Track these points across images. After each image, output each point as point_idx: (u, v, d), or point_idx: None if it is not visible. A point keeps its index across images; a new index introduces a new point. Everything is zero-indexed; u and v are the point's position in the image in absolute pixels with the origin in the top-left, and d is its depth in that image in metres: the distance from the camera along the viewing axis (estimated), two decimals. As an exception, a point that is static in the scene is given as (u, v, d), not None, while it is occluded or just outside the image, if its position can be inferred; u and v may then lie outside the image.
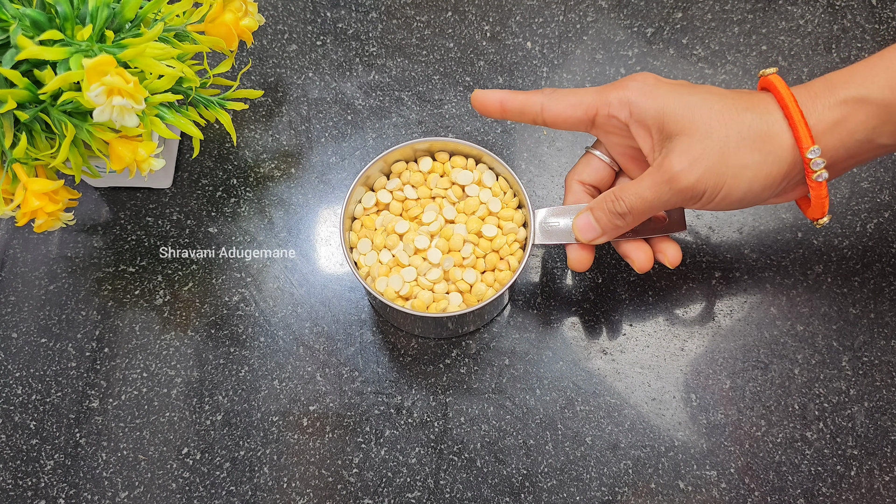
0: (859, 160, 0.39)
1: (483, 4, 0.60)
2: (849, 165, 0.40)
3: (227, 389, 0.50)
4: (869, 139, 0.37)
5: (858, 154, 0.38)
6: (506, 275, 0.46)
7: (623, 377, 0.50)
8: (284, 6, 0.60)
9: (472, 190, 0.47)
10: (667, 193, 0.39)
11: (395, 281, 0.45)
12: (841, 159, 0.38)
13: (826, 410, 0.49)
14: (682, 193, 0.39)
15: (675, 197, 0.40)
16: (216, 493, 0.48)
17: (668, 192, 0.39)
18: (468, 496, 0.48)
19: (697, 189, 0.39)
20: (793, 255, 0.52)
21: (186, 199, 0.55)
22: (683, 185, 0.39)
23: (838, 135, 0.37)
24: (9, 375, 0.50)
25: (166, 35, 0.43)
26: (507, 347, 0.51)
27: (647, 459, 0.48)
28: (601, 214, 0.42)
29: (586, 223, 0.43)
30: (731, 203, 0.40)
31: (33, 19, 0.37)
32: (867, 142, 0.38)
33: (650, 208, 0.41)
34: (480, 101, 0.44)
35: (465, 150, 0.48)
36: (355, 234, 0.48)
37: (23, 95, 0.38)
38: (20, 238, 0.53)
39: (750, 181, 0.38)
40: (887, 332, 0.50)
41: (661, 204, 0.40)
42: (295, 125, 0.57)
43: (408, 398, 0.50)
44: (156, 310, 0.52)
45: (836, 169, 0.39)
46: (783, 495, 0.47)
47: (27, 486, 0.48)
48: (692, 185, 0.39)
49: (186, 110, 0.45)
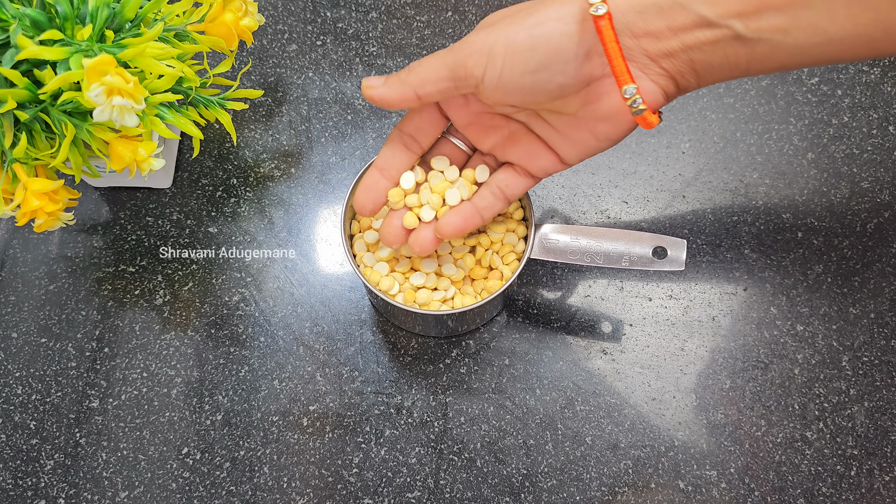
0: (686, 41, 0.35)
1: (483, 4, 0.60)
2: (677, 47, 0.35)
3: (227, 389, 0.50)
4: (681, 3, 0.34)
5: (676, 22, 0.34)
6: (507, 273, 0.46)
7: (623, 377, 0.50)
8: (284, 6, 0.60)
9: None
10: (447, 56, 0.37)
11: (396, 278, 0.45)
12: (651, 19, 0.35)
13: (826, 410, 0.49)
14: (459, 53, 0.37)
15: (453, 60, 0.37)
16: (216, 493, 0.48)
17: (447, 55, 0.37)
18: (468, 496, 0.48)
19: (475, 44, 0.36)
20: (793, 255, 0.52)
21: (186, 199, 0.55)
22: (462, 43, 0.36)
23: None
24: (9, 375, 0.50)
25: (166, 35, 0.43)
26: (507, 347, 0.51)
27: (647, 459, 0.48)
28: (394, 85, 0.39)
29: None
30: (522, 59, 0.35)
31: (33, 19, 0.37)
32: (679, 5, 0.34)
33: (431, 73, 0.37)
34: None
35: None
36: (358, 227, 0.48)
37: (23, 95, 0.38)
38: (20, 238, 0.53)
39: (533, 26, 0.35)
40: (887, 332, 0.50)
41: (441, 70, 0.37)
42: (295, 125, 0.57)
43: (408, 398, 0.50)
44: (156, 310, 0.52)
45: (657, 41, 0.35)
46: (783, 495, 0.47)
47: (27, 485, 0.48)
48: (469, 41, 0.36)
49: (186, 110, 0.45)
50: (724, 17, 0.34)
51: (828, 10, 0.33)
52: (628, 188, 0.54)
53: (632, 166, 0.55)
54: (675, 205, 0.54)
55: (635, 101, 0.36)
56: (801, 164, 0.55)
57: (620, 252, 0.45)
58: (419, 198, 0.42)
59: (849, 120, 0.56)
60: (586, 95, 0.37)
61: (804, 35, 0.34)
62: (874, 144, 0.55)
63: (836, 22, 0.33)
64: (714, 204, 0.54)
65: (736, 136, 0.56)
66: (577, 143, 0.40)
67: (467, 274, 0.46)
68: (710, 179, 0.55)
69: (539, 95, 0.37)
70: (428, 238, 0.42)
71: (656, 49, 0.35)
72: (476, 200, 0.42)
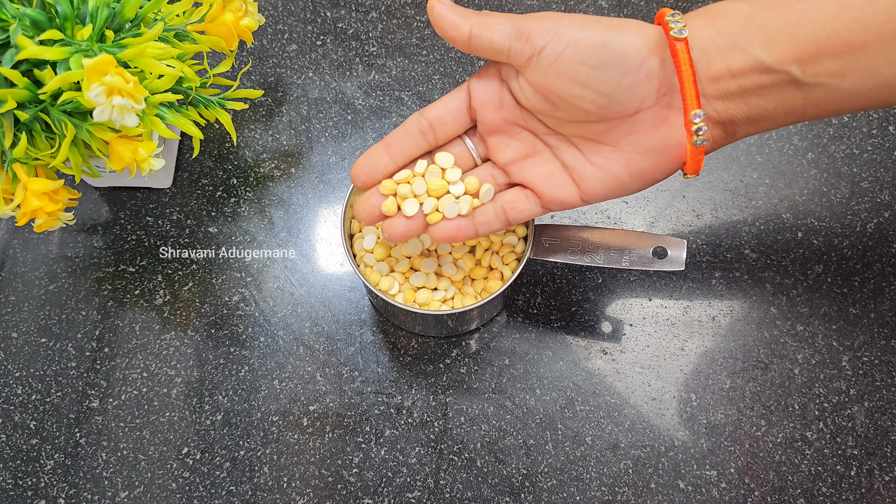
0: (744, 84, 0.35)
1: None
2: (734, 90, 0.35)
3: (227, 389, 0.50)
4: (740, 45, 0.34)
5: (735, 65, 0.35)
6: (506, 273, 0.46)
7: (623, 377, 0.50)
8: (284, 6, 0.60)
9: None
10: (516, 17, 0.36)
11: (396, 278, 0.46)
12: (715, 59, 0.35)
13: (826, 410, 0.49)
14: (528, 20, 0.36)
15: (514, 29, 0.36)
16: (216, 493, 0.48)
17: (516, 17, 0.36)
18: (468, 496, 0.48)
19: (546, 20, 0.35)
20: (793, 255, 0.52)
21: (186, 198, 0.55)
22: (531, 15, 0.35)
23: (706, 31, 0.35)
24: (9, 375, 0.50)
25: (166, 35, 0.43)
26: (507, 347, 0.51)
27: (647, 459, 0.48)
28: None
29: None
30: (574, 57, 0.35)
31: (33, 19, 0.37)
32: (739, 48, 0.34)
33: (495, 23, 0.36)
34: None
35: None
36: (357, 226, 0.48)
37: (23, 95, 0.38)
38: (20, 238, 0.53)
39: (609, 27, 0.34)
40: (887, 332, 0.50)
41: (506, 26, 0.36)
42: (295, 125, 0.57)
43: (408, 398, 0.50)
44: (156, 310, 0.52)
45: (716, 83, 0.35)
46: (783, 495, 0.47)
47: (27, 485, 0.48)
48: (540, 15, 0.35)
49: (186, 110, 0.45)
50: (782, 62, 0.34)
51: (885, 54, 0.33)
52: (628, 188, 0.54)
53: (632, 166, 0.55)
54: (675, 205, 0.54)
55: (700, 129, 0.35)
56: (801, 163, 0.55)
57: (620, 252, 0.45)
58: (412, 189, 0.40)
59: (849, 120, 0.56)
60: (631, 126, 0.36)
61: (861, 79, 0.34)
62: (874, 144, 0.55)
63: (893, 65, 0.33)
64: (714, 204, 0.54)
65: (736, 136, 0.56)
66: (606, 177, 0.38)
67: (467, 274, 0.46)
68: (710, 179, 0.55)
69: (585, 96, 0.36)
70: (399, 230, 0.40)
71: (714, 90, 0.35)
72: (476, 215, 0.40)
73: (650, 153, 0.37)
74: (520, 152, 0.40)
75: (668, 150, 0.37)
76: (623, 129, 0.36)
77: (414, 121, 0.40)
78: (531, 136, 0.39)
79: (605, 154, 0.38)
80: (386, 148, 0.40)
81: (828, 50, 0.33)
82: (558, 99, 0.36)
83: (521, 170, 0.40)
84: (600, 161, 0.38)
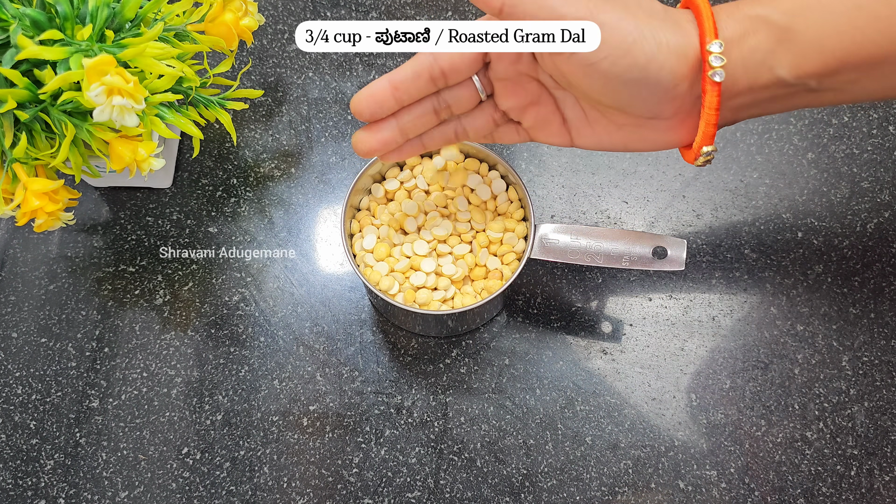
0: (758, 97, 0.36)
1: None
2: (747, 102, 0.36)
3: (227, 389, 0.50)
4: (767, 64, 0.35)
5: (757, 83, 0.35)
6: (507, 273, 0.46)
7: (623, 377, 0.50)
8: (284, 6, 0.60)
9: (484, 192, 0.47)
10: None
11: (396, 278, 0.45)
12: (740, 79, 0.35)
13: (826, 410, 0.49)
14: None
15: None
16: (216, 493, 0.48)
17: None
18: (468, 496, 0.48)
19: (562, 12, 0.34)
20: (793, 255, 0.52)
21: (186, 198, 0.55)
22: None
23: (739, 50, 0.35)
24: (9, 375, 0.50)
25: (166, 35, 0.43)
26: (507, 347, 0.51)
27: (647, 459, 0.48)
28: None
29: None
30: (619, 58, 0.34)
31: (33, 19, 0.37)
32: (766, 67, 0.35)
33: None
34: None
35: (482, 154, 0.48)
36: (357, 226, 0.48)
37: (23, 95, 0.38)
38: (20, 238, 0.53)
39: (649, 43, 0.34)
40: (887, 332, 0.50)
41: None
42: (295, 125, 0.57)
43: (408, 398, 0.50)
44: (156, 310, 0.52)
45: (734, 99, 0.36)
46: (783, 495, 0.47)
47: (27, 485, 0.48)
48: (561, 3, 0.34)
49: (186, 110, 0.45)
50: (802, 77, 0.34)
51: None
52: (628, 188, 0.54)
53: (632, 166, 0.55)
54: (675, 205, 0.54)
55: (707, 155, 0.37)
56: (801, 163, 0.55)
57: (620, 252, 0.45)
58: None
59: (849, 120, 0.56)
60: (641, 122, 0.37)
61: (872, 83, 0.35)
62: (874, 144, 0.55)
63: None
64: (714, 204, 0.54)
65: (736, 136, 0.56)
66: (601, 143, 0.39)
67: (467, 274, 0.46)
68: (710, 179, 0.55)
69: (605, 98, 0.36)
70: (367, 144, 0.39)
71: (729, 104, 0.36)
72: (464, 119, 0.41)
73: (651, 143, 0.38)
74: (524, 101, 0.40)
75: (668, 144, 0.38)
76: (632, 121, 0.37)
77: (424, 62, 0.38)
78: (539, 86, 0.39)
79: (608, 128, 0.38)
80: (392, 90, 0.38)
81: (850, 63, 0.34)
82: (577, 90, 0.37)
83: (519, 113, 0.40)
84: (601, 130, 0.39)
